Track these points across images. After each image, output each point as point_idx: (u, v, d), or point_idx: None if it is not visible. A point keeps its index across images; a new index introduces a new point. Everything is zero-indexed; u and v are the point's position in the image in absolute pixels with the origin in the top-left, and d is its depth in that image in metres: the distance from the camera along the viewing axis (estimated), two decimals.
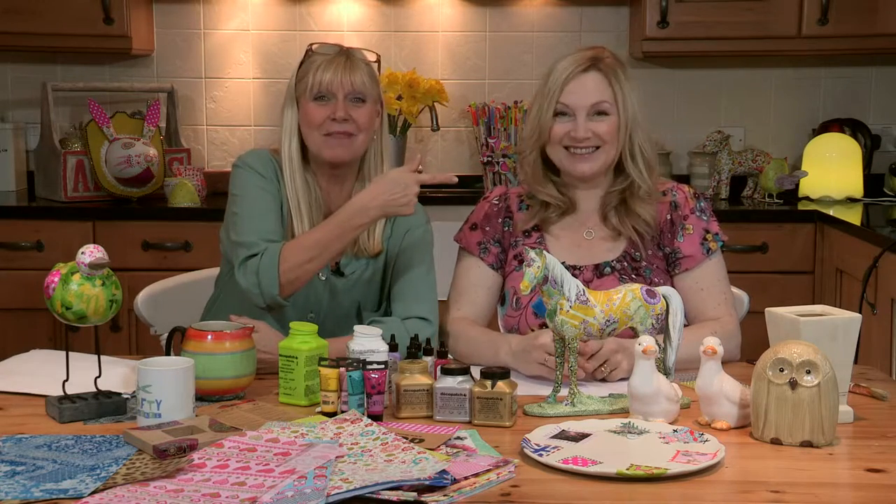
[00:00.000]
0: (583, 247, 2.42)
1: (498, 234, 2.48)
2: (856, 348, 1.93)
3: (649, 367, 1.88)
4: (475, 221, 2.51)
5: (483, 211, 2.51)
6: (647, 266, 2.39)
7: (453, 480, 1.56)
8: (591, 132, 2.36)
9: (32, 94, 4.36)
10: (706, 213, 2.44)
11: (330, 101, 2.41)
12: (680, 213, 2.42)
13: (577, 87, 2.36)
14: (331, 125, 2.40)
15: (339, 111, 2.40)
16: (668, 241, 2.41)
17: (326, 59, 2.42)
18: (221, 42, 4.47)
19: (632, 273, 2.37)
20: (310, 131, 2.42)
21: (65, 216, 3.94)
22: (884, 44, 4.12)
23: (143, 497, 1.51)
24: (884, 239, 3.30)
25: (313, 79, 2.41)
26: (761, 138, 4.49)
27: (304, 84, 2.43)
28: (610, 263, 2.39)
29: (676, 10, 4.10)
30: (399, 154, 4.29)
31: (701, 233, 2.41)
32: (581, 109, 2.36)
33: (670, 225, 2.42)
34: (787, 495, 1.56)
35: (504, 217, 2.49)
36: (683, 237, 2.40)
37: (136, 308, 2.71)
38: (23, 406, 1.98)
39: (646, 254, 2.40)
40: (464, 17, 4.46)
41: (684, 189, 2.47)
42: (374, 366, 1.87)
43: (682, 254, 2.39)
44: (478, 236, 2.48)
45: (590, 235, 2.43)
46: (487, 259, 2.46)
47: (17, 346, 2.65)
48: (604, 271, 2.38)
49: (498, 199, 2.52)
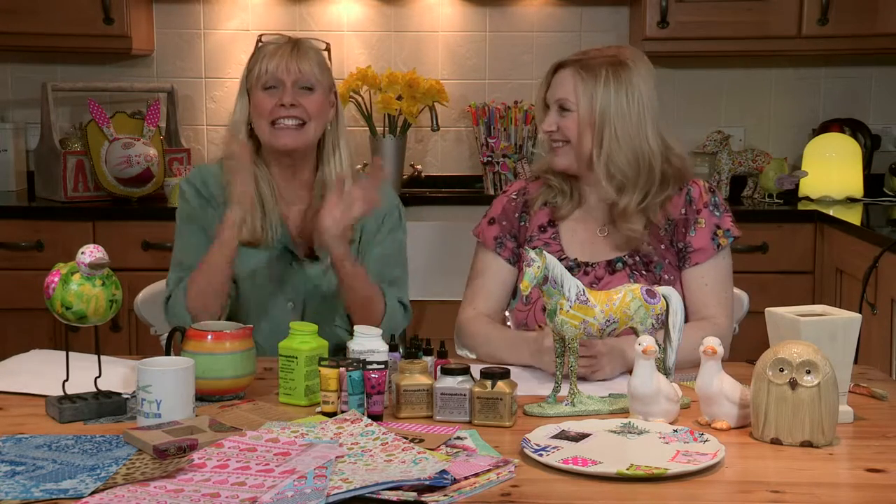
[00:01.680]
0: (597, 244, 2.44)
1: (514, 230, 2.49)
2: (856, 348, 1.93)
3: (649, 367, 1.87)
4: (493, 216, 2.53)
5: (501, 205, 2.53)
6: (659, 261, 2.40)
7: (453, 480, 1.56)
8: (556, 125, 2.40)
9: (32, 94, 4.36)
10: (719, 208, 2.45)
11: (278, 89, 2.43)
12: (694, 208, 2.43)
13: (554, 81, 2.42)
14: (278, 112, 2.42)
15: (287, 97, 2.41)
16: (681, 237, 2.42)
17: (273, 48, 2.45)
18: (221, 42, 4.47)
19: (643, 269, 2.39)
20: (259, 120, 2.44)
21: (65, 216, 3.94)
22: (884, 44, 4.11)
23: (143, 497, 1.51)
24: (884, 239, 3.30)
25: (260, 67, 2.44)
26: (761, 138, 4.49)
27: (253, 74, 2.45)
28: (622, 259, 2.40)
29: (676, 10, 4.10)
30: (399, 154, 4.29)
31: (712, 228, 2.42)
32: (552, 103, 2.41)
33: (685, 220, 2.42)
34: (787, 495, 1.56)
35: (521, 212, 2.51)
36: (695, 231, 2.41)
37: (136, 308, 2.71)
38: (23, 406, 1.98)
39: (658, 248, 2.40)
40: (464, 17, 4.46)
41: (700, 183, 2.47)
42: (374, 366, 1.87)
43: (693, 247, 2.40)
44: (495, 231, 2.50)
45: (604, 233, 2.44)
46: (504, 254, 2.48)
47: (17, 346, 2.65)
48: (616, 267, 2.39)
49: (516, 194, 2.54)
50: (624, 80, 2.38)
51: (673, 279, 2.39)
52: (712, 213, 2.43)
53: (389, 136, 4.29)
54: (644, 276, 2.37)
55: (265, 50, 2.46)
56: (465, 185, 4.42)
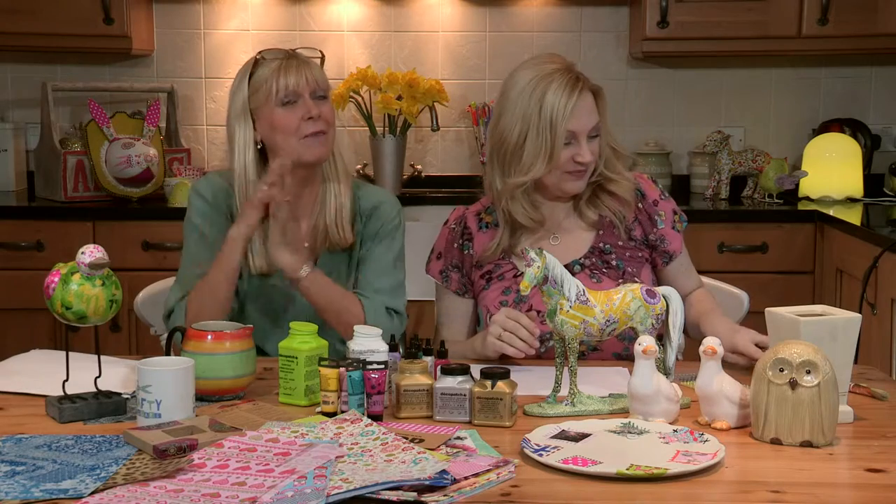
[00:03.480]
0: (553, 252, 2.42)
1: (456, 260, 2.49)
2: (856, 348, 1.93)
3: (649, 367, 1.88)
4: (439, 250, 2.53)
5: (444, 238, 2.54)
6: (619, 257, 2.41)
7: (453, 480, 1.56)
8: (591, 154, 2.37)
9: (32, 94, 4.36)
10: (664, 194, 2.52)
11: (296, 103, 2.38)
12: (649, 201, 2.47)
13: (578, 112, 2.34)
14: (306, 126, 2.37)
15: (313, 109, 2.38)
16: (650, 229, 2.46)
17: (282, 63, 2.39)
18: (221, 42, 4.47)
19: (602, 267, 2.41)
20: (286, 138, 2.37)
21: (65, 216, 3.94)
22: (884, 44, 4.12)
23: (143, 497, 1.51)
24: (884, 239, 3.30)
25: (277, 84, 2.37)
26: (761, 138, 4.49)
27: (265, 92, 2.38)
28: (578, 261, 2.41)
29: (676, 10, 4.10)
30: (399, 154, 4.29)
31: (671, 215, 2.49)
32: (583, 134, 2.36)
33: (645, 214, 2.46)
34: (787, 495, 1.56)
35: (463, 240, 2.50)
36: (663, 224, 2.47)
37: (136, 308, 2.71)
38: (23, 406, 1.98)
39: (616, 245, 2.42)
40: (464, 17, 4.46)
41: (643, 177, 2.53)
42: (374, 366, 1.87)
43: (667, 239, 2.46)
44: (440, 265, 2.51)
45: (556, 241, 2.45)
46: (451, 287, 2.49)
47: (17, 346, 2.66)
48: (573, 270, 2.39)
49: (455, 224, 2.53)
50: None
51: (636, 271, 2.41)
52: (666, 201, 2.50)
53: (389, 136, 4.29)
54: (605, 272, 2.39)
55: (270, 66, 2.39)
56: (465, 185, 4.40)
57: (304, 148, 2.39)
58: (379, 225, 2.49)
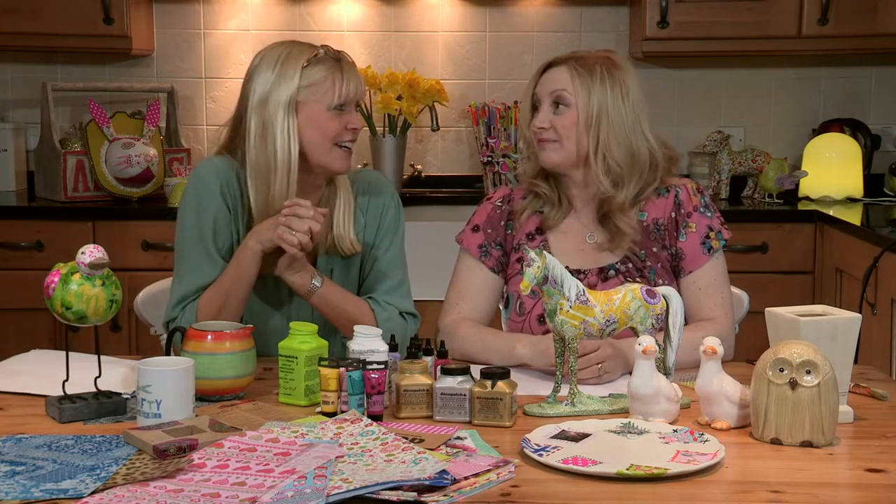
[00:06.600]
0: (586, 251, 2.41)
1: (500, 238, 2.46)
2: (856, 348, 1.93)
3: (649, 367, 1.87)
4: (477, 223, 2.49)
5: (486, 213, 2.50)
6: (652, 266, 2.38)
7: (453, 480, 1.56)
8: (550, 123, 2.36)
9: (32, 94, 4.36)
10: (710, 209, 2.43)
11: (344, 110, 2.34)
12: (683, 212, 2.41)
13: (545, 78, 2.39)
14: (345, 136, 2.34)
15: (356, 122, 2.35)
16: (672, 241, 2.40)
17: (340, 66, 2.33)
18: (221, 42, 4.46)
19: (636, 275, 2.36)
20: (323, 141, 2.32)
21: (65, 216, 3.94)
22: (884, 44, 4.12)
23: (143, 497, 1.51)
24: (884, 239, 3.29)
25: (337, 89, 2.31)
26: (761, 138, 4.49)
27: (320, 91, 2.31)
28: (614, 266, 2.39)
29: (676, 10, 4.10)
30: (399, 154, 4.29)
31: (704, 230, 2.39)
32: (545, 98, 2.38)
33: (675, 224, 2.40)
34: (787, 495, 1.56)
35: (507, 220, 2.47)
36: (686, 236, 2.39)
37: (136, 308, 2.70)
38: (23, 406, 1.98)
39: (650, 252, 2.39)
40: (464, 17, 4.46)
41: (687, 185, 2.45)
42: (374, 366, 1.87)
43: (684, 254, 2.38)
44: (479, 239, 2.47)
45: (591, 239, 2.42)
46: (488, 263, 2.45)
47: (17, 346, 2.65)
48: (608, 274, 2.38)
49: (501, 202, 2.50)
50: (618, 77, 2.38)
51: (666, 284, 2.35)
52: (703, 214, 2.41)
53: (389, 136, 4.29)
54: (638, 282, 2.35)
55: (325, 65, 2.31)
56: (465, 185, 4.42)
57: (335, 157, 2.35)
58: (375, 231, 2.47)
